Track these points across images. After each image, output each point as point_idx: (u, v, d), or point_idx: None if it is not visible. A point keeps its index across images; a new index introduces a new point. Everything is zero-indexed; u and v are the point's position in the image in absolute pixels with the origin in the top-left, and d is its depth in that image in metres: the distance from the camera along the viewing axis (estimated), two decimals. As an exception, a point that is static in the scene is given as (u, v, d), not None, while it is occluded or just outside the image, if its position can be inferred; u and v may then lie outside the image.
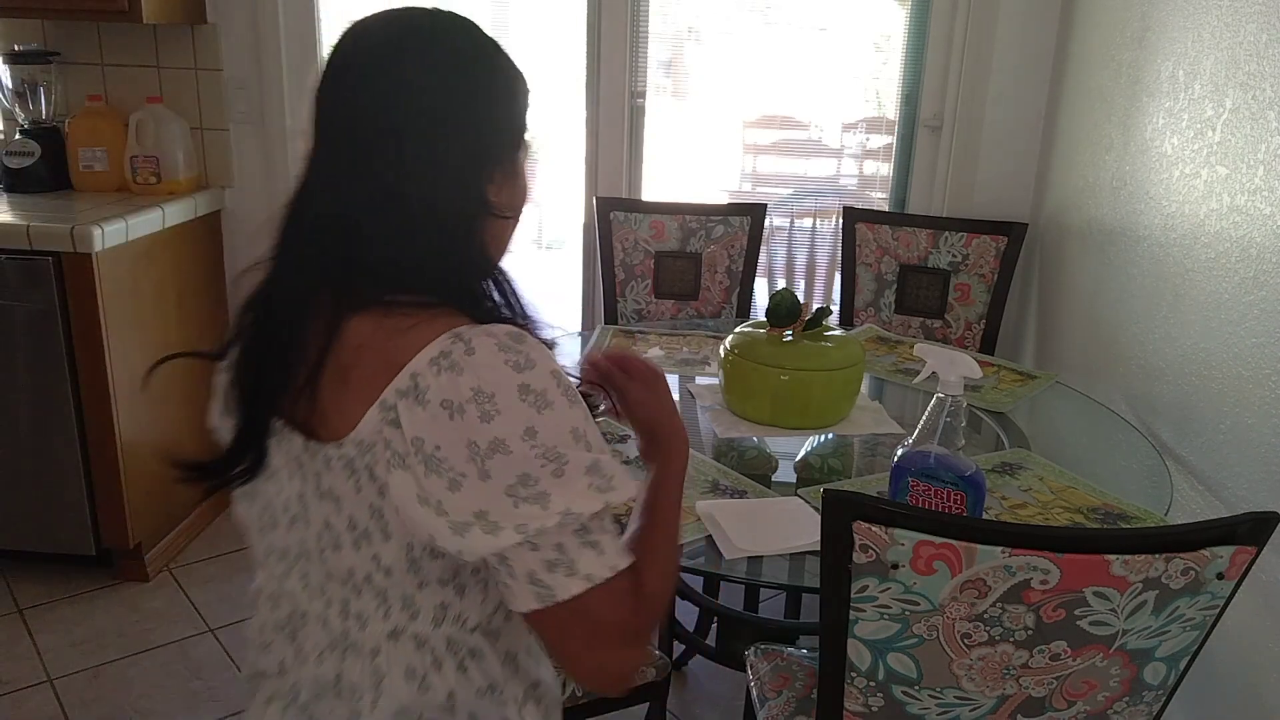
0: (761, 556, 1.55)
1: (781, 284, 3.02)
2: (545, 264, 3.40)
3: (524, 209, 0.99)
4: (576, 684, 1.01)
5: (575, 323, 3.06)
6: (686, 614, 2.41)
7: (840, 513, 1.06)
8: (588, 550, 0.84)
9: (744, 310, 2.75)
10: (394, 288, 0.88)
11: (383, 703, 0.91)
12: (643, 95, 2.88)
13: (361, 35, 0.95)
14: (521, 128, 0.95)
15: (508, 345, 0.84)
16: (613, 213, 2.73)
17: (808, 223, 2.98)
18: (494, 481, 0.81)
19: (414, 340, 0.84)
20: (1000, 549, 1.01)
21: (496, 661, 0.95)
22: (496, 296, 0.93)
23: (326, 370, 0.87)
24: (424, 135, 0.88)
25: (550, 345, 0.90)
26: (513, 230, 0.98)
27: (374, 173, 0.88)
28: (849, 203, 2.87)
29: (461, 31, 0.92)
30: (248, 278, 0.98)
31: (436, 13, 0.93)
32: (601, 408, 1.08)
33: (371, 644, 0.92)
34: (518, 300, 0.94)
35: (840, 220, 2.81)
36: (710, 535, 1.47)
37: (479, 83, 0.91)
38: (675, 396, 1.10)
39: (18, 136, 2.79)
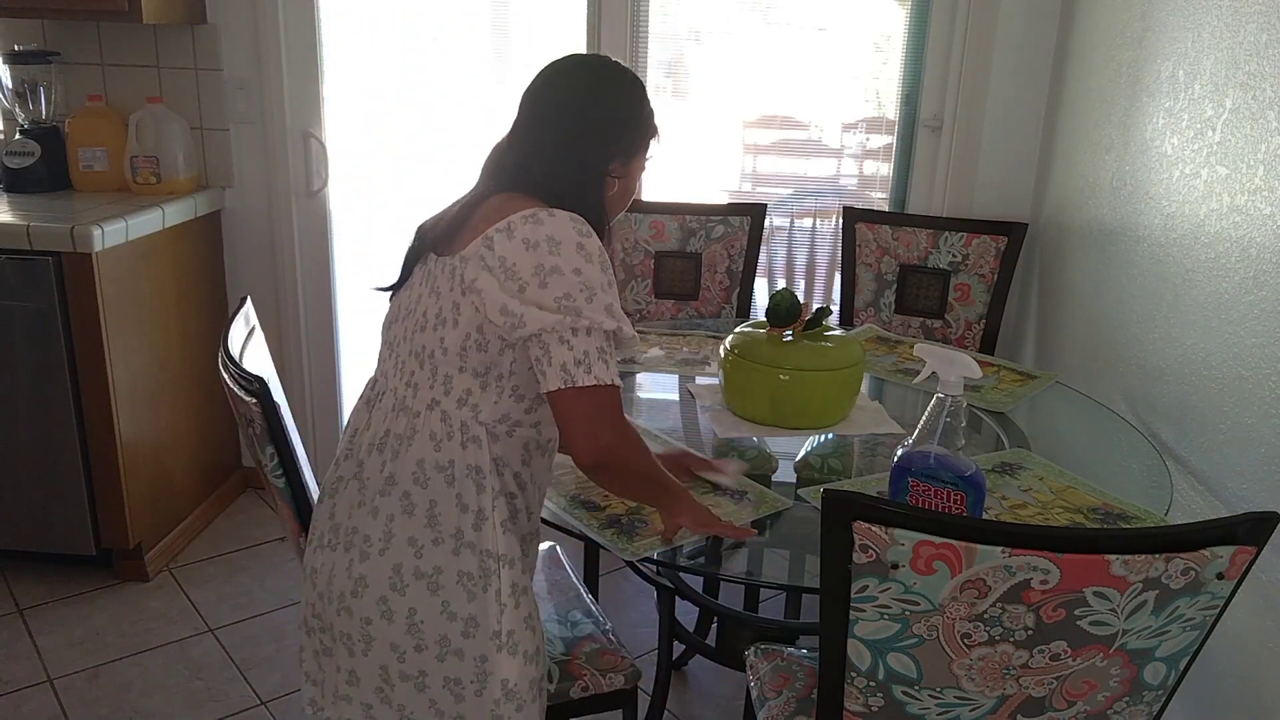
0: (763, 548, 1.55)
1: (781, 284, 3.02)
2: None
3: (633, 190, 1.44)
4: (576, 460, 1.26)
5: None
6: (686, 614, 2.41)
7: (840, 513, 1.06)
8: (601, 362, 1.22)
9: (744, 310, 2.75)
10: (527, 189, 1.31)
11: (409, 453, 1.30)
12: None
13: (560, 64, 1.39)
14: (641, 138, 1.40)
15: (577, 220, 1.26)
16: (613, 213, 2.72)
17: (808, 223, 2.98)
18: (548, 290, 1.22)
19: (517, 207, 1.27)
20: (1000, 549, 1.01)
21: (488, 457, 1.30)
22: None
23: (466, 220, 1.30)
24: (580, 124, 1.34)
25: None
26: (618, 209, 1.42)
27: (544, 131, 1.35)
28: (849, 203, 2.87)
29: (614, 71, 1.39)
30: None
31: (604, 59, 1.42)
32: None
33: (415, 408, 1.31)
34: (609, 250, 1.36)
35: (840, 220, 2.81)
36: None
37: (619, 105, 1.38)
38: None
39: (18, 136, 2.80)
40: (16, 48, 2.79)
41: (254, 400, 1.43)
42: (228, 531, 2.96)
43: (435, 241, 1.34)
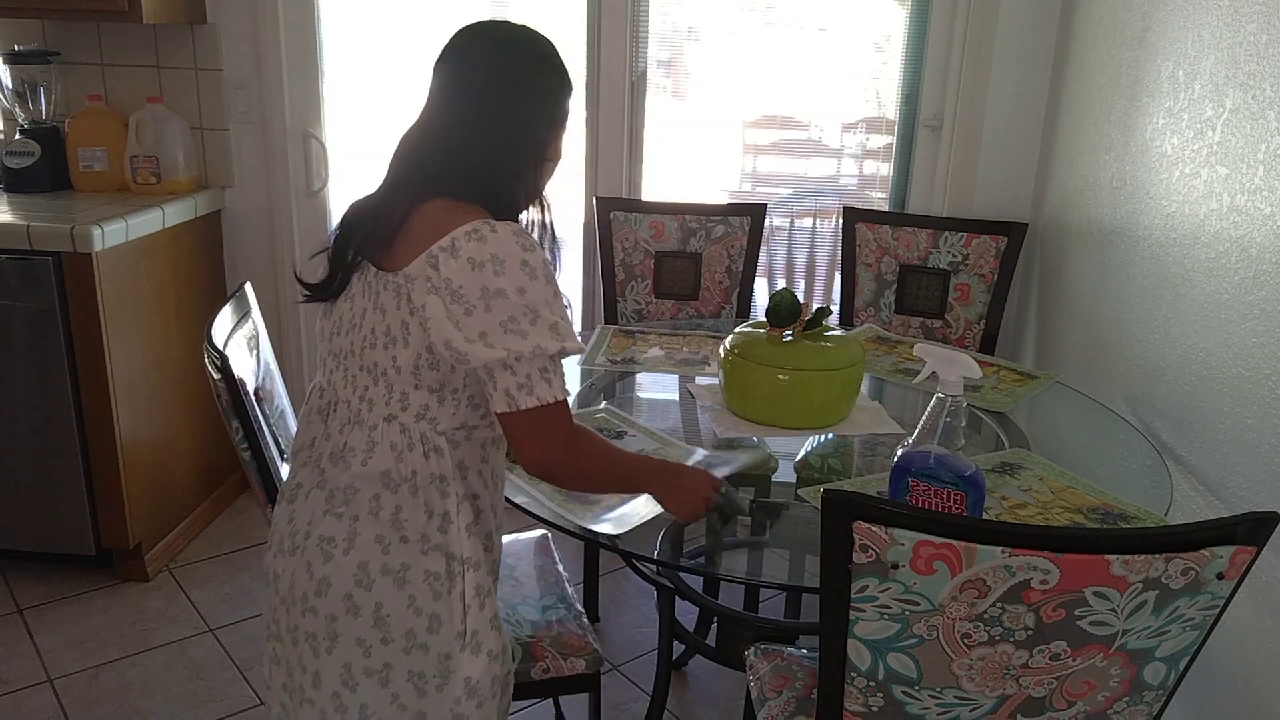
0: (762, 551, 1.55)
1: (781, 284, 3.02)
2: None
3: (558, 159, 1.42)
4: (524, 469, 1.31)
5: (576, 323, 3.05)
6: (686, 614, 2.41)
7: (840, 513, 1.06)
8: (543, 382, 1.25)
9: (744, 310, 2.75)
10: (463, 192, 1.29)
11: (371, 464, 1.31)
12: (643, 91, 2.89)
13: (476, 32, 1.35)
14: (563, 105, 1.38)
15: (520, 233, 1.26)
16: (613, 213, 2.73)
17: (808, 223, 2.98)
18: (493, 315, 1.22)
19: (459, 219, 1.25)
20: (1000, 549, 1.01)
21: (450, 463, 1.33)
22: (538, 216, 1.39)
23: (402, 228, 1.28)
24: (508, 105, 1.31)
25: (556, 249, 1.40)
26: (550, 173, 1.41)
27: (475, 123, 1.31)
28: (849, 203, 2.87)
29: (539, 43, 1.36)
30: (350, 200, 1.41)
31: (525, 28, 1.37)
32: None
33: (372, 421, 1.32)
34: (550, 219, 1.41)
35: (840, 220, 2.81)
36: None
37: (546, 78, 1.34)
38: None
39: (18, 136, 2.79)
40: (16, 48, 2.79)
41: (218, 376, 1.52)
42: (228, 531, 2.96)
43: (371, 249, 1.31)
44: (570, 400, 1.31)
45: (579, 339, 1.29)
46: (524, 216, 1.38)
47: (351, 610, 1.31)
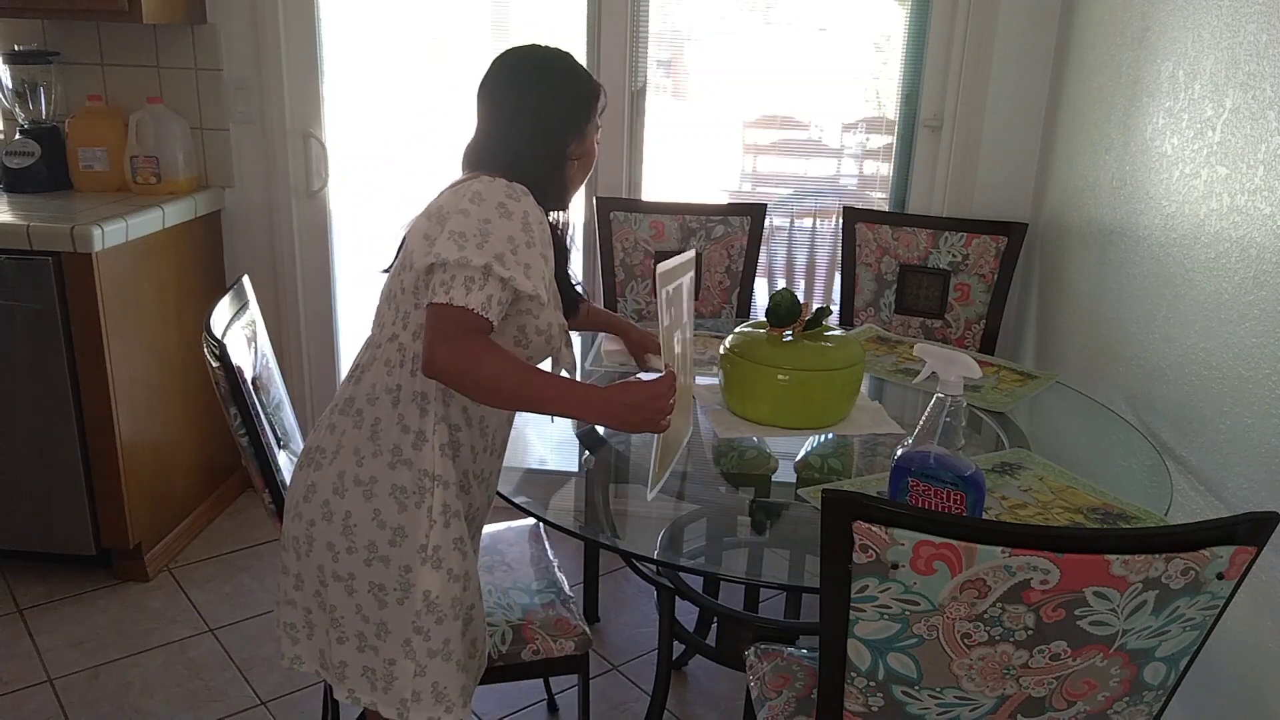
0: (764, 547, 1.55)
1: (781, 284, 3.02)
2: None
3: (590, 163, 1.57)
4: (424, 369, 1.36)
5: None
6: (686, 614, 2.41)
7: (840, 513, 1.06)
8: (461, 288, 1.33)
9: (744, 310, 2.75)
10: (503, 173, 1.43)
11: (366, 379, 1.46)
12: (643, 95, 2.88)
13: (510, 55, 1.52)
14: (588, 111, 1.53)
15: (513, 187, 1.40)
16: (613, 213, 2.73)
17: (808, 223, 2.98)
18: (448, 225, 1.36)
19: (473, 176, 1.43)
20: (1000, 549, 1.01)
21: (434, 384, 1.41)
22: (556, 230, 1.53)
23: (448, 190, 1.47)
24: (535, 122, 1.48)
25: (577, 300, 1.61)
26: (581, 179, 1.56)
27: (508, 130, 1.48)
28: (849, 203, 2.87)
29: (564, 61, 1.52)
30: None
31: (554, 50, 1.54)
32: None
33: (378, 341, 1.47)
34: (567, 242, 1.58)
35: (840, 220, 2.81)
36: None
37: (569, 92, 1.51)
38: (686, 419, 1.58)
39: (18, 136, 2.79)
40: (16, 48, 2.79)
41: (217, 364, 1.58)
42: (228, 531, 2.96)
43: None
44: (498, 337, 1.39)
45: (525, 276, 1.34)
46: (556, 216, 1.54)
47: (326, 516, 1.44)
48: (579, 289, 1.63)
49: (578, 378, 1.52)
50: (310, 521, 1.45)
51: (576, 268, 1.69)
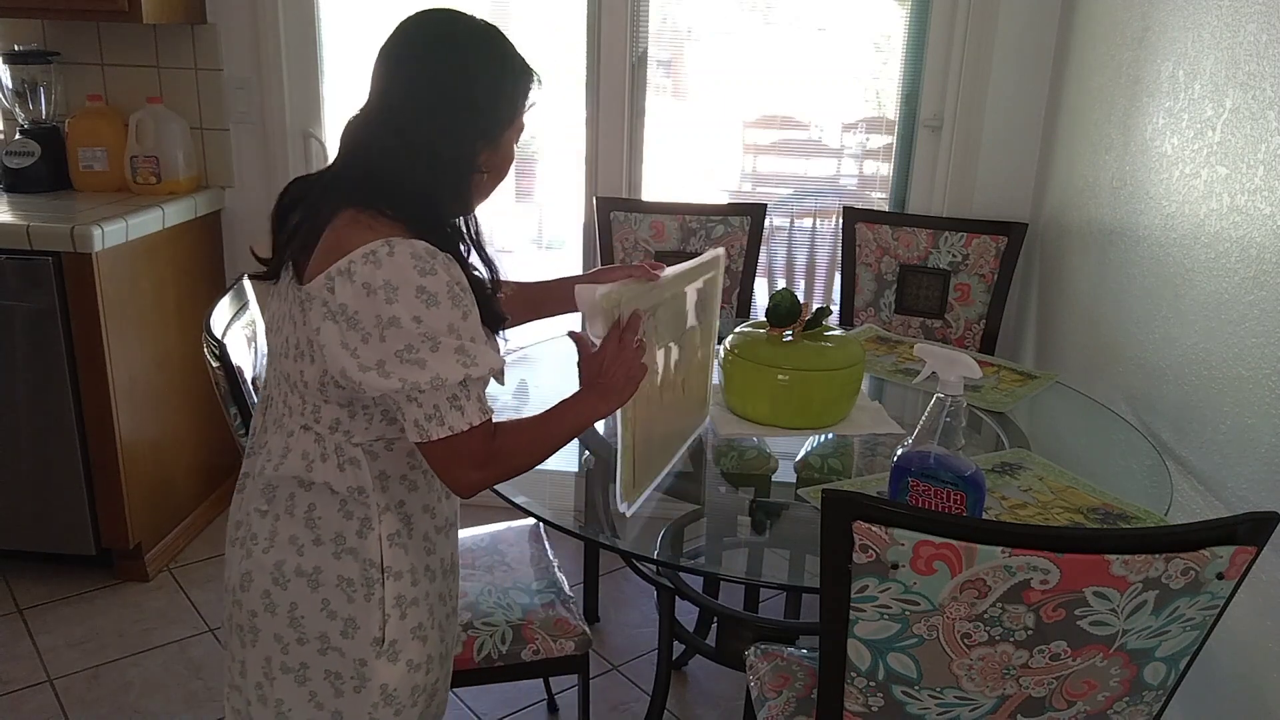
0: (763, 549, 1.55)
1: (781, 284, 3.02)
2: (545, 264, 3.43)
3: (505, 172, 1.32)
4: (450, 488, 1.28)
5: (575, 323, 3.05)
6: (686, 614, 2.41)
7: (840, 513, 1.06)
8: (454, 410, 1.19)
9: (744, 310, 2.75)
10: (385, 200, 1.22)
11: (283, 468, 1.29)
12: (643, 94, 2.88)
13: (410, 25, 1.25)
14: (511, 113, 1.27)
15: (420, 255, 1.16)
16: (613, 213, 2.73)
17: (808, 223, 2.98)
18: (388, 345, 1.16)
19: (362, 236, 1.17)
20: (1000, 549, 1.01)
21: (369, 475, 1.28)
22: (465, 230, 1.32)
23: (322, 234, 1.22)
24: (435, 106, 1.22)
25: (495, 279, 1.33)
26: (492, 186, 1.32)
27: (398, 125, 1.23)
28: (849, 203, 2.87)
29: (478, 36, 1.24)
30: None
31: (482, 23, 1.26)
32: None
33: (289, 427, 1.29)
34: (479, 240, 1.34)
35: (840, 220, 2.81)
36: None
37: (481, 75, 1.23)
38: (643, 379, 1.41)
39: (18, 136, 2.79)
40: (16, 48, 2.79)
41: (217, 364, 1.57)
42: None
43: (295, 249, 1.26)
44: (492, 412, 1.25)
45: (498, 356, 1.23)
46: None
47: (269, 608, 1.31)
48: (500, 308, 1.34)
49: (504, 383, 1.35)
50: (251, 613, 1.32)
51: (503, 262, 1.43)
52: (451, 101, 1.21)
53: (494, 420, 1.25)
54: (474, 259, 1.32)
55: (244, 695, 1.38)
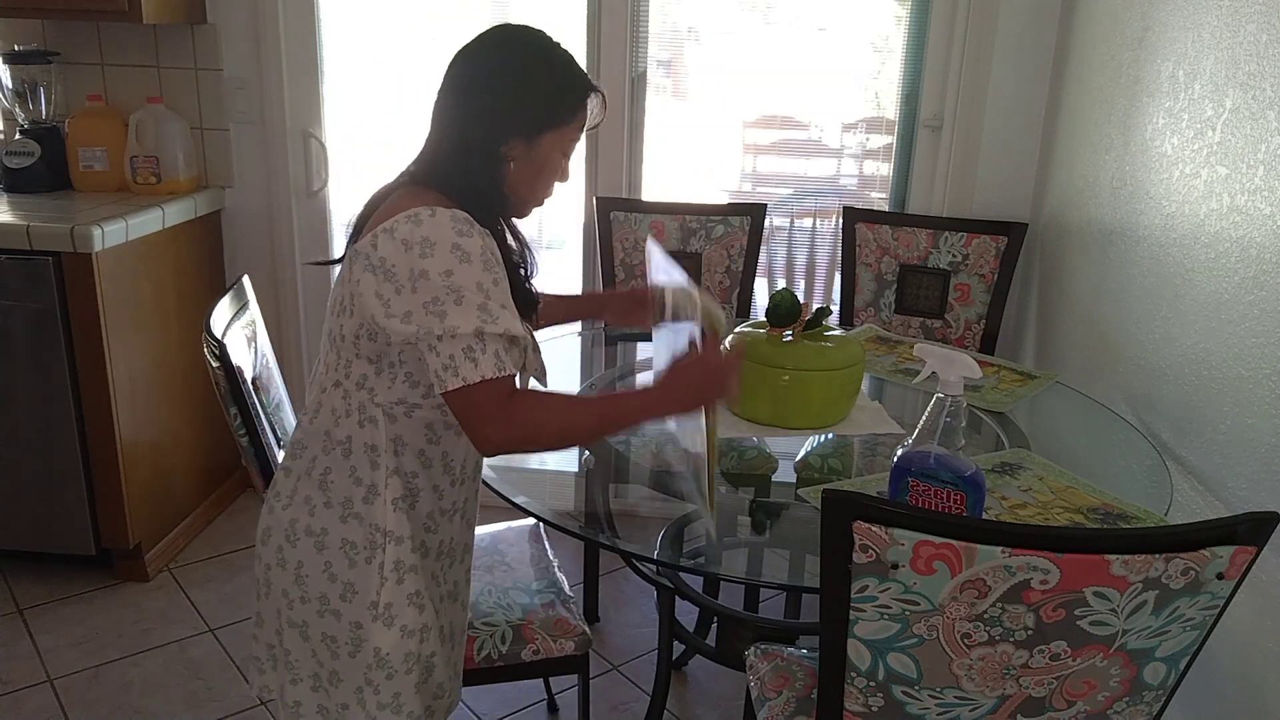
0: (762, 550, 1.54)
1: (781, 284, 3.02)
2: (545, 264, 3.45)
3: (548, 177, 1.41)
4: (480, 451, 1.32)
5: (575, 323, 3.05)
6: (686, 614, 2.41)
7: (840, 513, 1.06)
8: (468, 362, 1.23)
9: (744, 310, 2.75)
10: (435, 178, 1.33)
11: (315, 423, 1.38)
12: (643, 94, 2.88)
13: (471, 41, 1.37)
14: (548, 113, 1.36)
15: (459, 219, 1.26)
16: (613, 213, 2.73)
17: (808, 223, 2.98)
18: (418, 295, 1.23)
19: (410, 202, 1.28)
20: (1000, 549, 1.01)
21: (384, 437, 1.35)
22: (508, 234, 1.41)
23: (378, 206, 1.33)
24: (467, 106, 1.33)
25: (528, 268, 1.45)
26: (534, 189, 1.40)
27: (444, 124, 1.36)
28: (849, 203, 2.87)
29: (532, 42, 1.36)
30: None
31: (511, 30, 1.37)
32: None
33: (322, 384, 1.38)
34: (515, 230, 1.45)
35: (840, 220, 2.81)
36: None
37: (523, 71, 1.34)
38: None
39: (18, 136, 2.79)
40: (16, 48, 2.79)
41: (217, 364, 1.58)
42: (228, 531, 2.96)
43: (360, 224, 1.38)
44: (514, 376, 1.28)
45: (520, 324, 1.28)
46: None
47: (280, 563, 1.40)
48: (534, 290, 1.47)
49: (548, 385, 1.43)
50: (267, 565, 1.41)
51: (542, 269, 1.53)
52: (488, 91, 1.32)
53: (523, 387, 1.31)
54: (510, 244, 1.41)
55: (263, 641, 1.47)
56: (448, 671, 1.51)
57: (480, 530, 2.04)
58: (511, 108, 1.33)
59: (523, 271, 1.43)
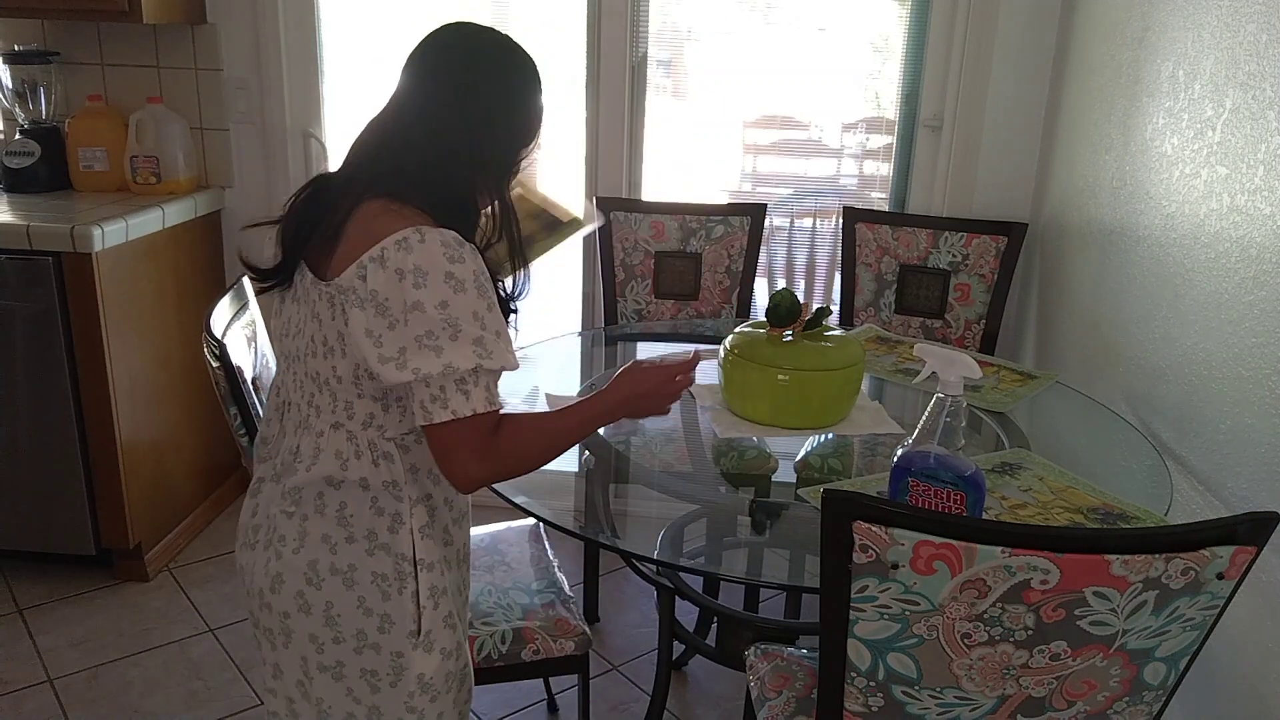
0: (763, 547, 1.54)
1: (781, 284, 3.02)
2: (545, 264, 3.46)
3: (503, 213, 1.34)
4: (457, 489, 1.28)
5: (575, 323, 3.06)
6: (686, 614, 2.41)
7: (840, 513, 1.06)
8: (459, 395, 1.20)
9: (744, 310, 2.75)
10: (415, 192, 1.25)
11: (315, 470, 1.30)
12: (643, 94, 2.88)
13: (446, 37, 1.31)
14: (525, 136, 1.33)
15: (450, 243, 1.19)
16: (613, 213, 2.73)
17: (808, 223, 2.98)
18: (410, 329, 1.18)
19: (394, 224, 1.20)
20: (1000, 549, 1.01)
21: (402, 468, 1.30)
22: (490, 223, 1.33)
23: (343, 228, 1.24)
24: (478, 113, 1.27)
25: (517, 297, 1.37)
26: (508, 184, 1.34)
27: (433, 128, 1.27)
28: (849, 203, 2.87)
29: (515, 51, 1.32)
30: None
31: (499, 34, 1.33)
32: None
33: (319, 428, 1.30)
34: (512, 228, 1.34)
35: (840, 220, 2.81)
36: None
37: (522, 87, 1.31)
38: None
39: (18, 136, 2.79)
40: (16, 48, 2.79)
41: (217, 364, 1.57)
42: (228, 531, 2.96)
43: (313, 249, 1.28)
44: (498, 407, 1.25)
45: (513, 356, 1.24)
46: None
47: (303, 608, 1.32)
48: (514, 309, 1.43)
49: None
50: (284, 614, 1.34)
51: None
52: (497, 110, 1.28)
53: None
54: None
55: (282, 695, 1.40)
56: (470, 668, 1.50)
57: (480, 530, 2.04)
58: (503, 120, 1.29)
59: (502, 292, 1.35)
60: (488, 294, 1.22)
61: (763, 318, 1.90)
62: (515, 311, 1.37)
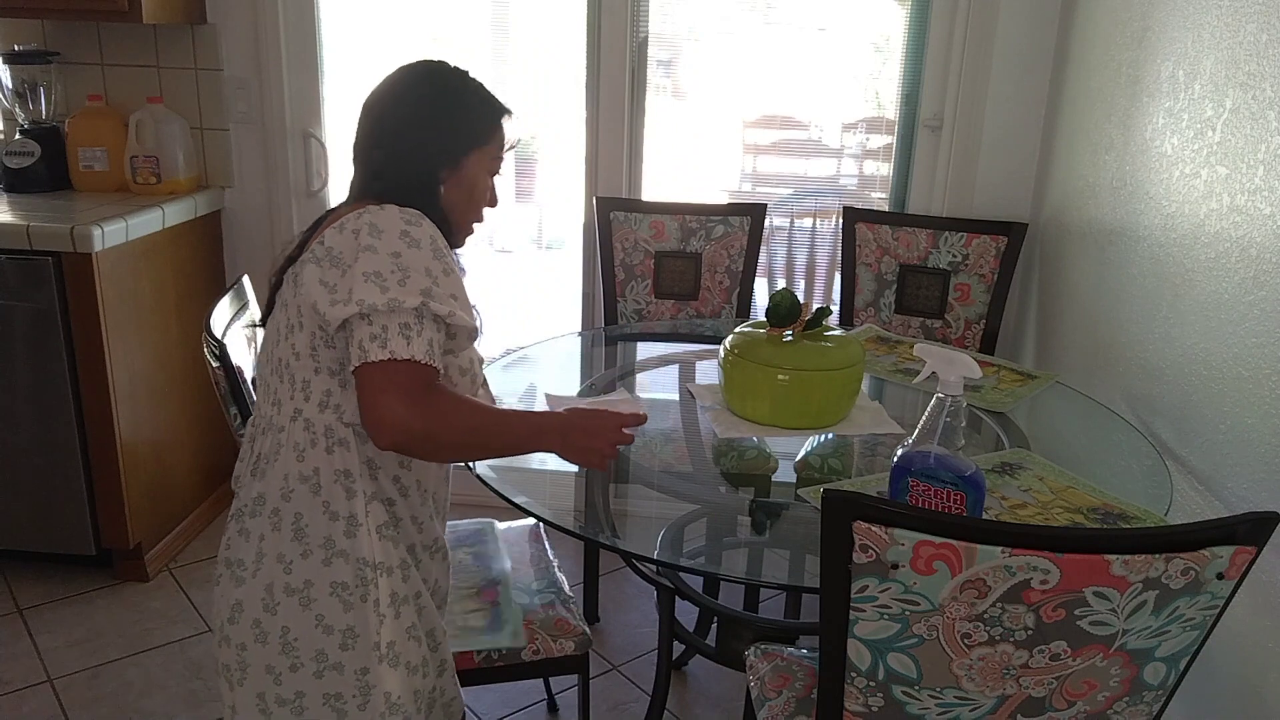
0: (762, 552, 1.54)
1: (781, 284, 3.02)
2: (545, 264, 3.44)
3: (476, 199, 1.41)
4: (374, 442, 1.21)
5: (575, 323, 3.06)
6: (686, 614, 2.41)
7: (840, 513, 1.06)
8: (400, 338, 1.18)
9: (744, 310, 2.75)
10: (380, 193, 1.31)
11: (275, 469, 1.29)
12: (642, 94, 2.88)
13: (388, 77, 1.40)
14: (471, 138, 1.38)
15: (408, 213, 1.26)
16: (613, 213, 2.73)
17: (808, 223, 2.98)
18: (357, 267, 1.20)
19: (355, 208, 1.28)
20: (1000, 549, 1.01)
21: (356, 459, 1.28)
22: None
23: (318, 226, 1.32)
24: (403, 137, 1.35)
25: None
26: (465, 217, 1.41)
27: (377, 149, 1.36)
28: (849, 203, 2.87)
29: (456, 79, 1.39)
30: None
31: (451, 67, 1.40)
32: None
33: (280, 423, 1.30)
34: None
35: (840, 220, 2.81)
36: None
37: (438, 104, 1.37)
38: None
39: (18, 136, 2.79)
40: (16, 48, 2.79)
41: (217, 364, 1.57)
42: (228, 531, 2.96)
43: (289, 258, 1.35)
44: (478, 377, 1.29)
45: (460, 305, 1.23)
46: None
47: (259, 638, 1.29)
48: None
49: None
50: (241, 645, 1.30)
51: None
52: (413, 127, 1.35)
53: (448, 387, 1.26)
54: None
55: None
56: (453, 688, 1.48)
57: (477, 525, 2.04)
58: (436, 137, 1.35)
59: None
60: (443, 258, 1.24)
61: (763, 318, 1.90)
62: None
